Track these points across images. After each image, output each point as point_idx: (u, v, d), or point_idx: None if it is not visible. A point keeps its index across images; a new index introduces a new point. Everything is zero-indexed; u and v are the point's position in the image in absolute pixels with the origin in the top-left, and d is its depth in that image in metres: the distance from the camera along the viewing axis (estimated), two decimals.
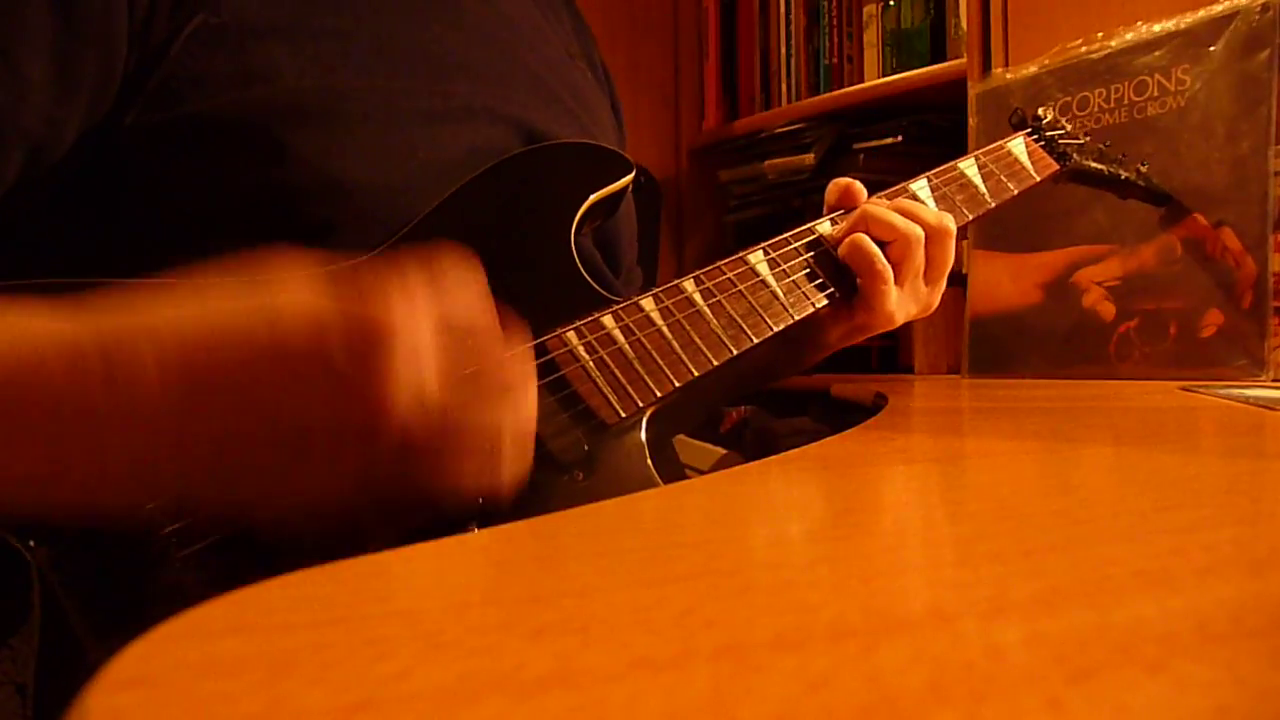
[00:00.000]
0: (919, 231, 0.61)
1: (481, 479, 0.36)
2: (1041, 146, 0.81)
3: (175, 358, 0.31)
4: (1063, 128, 0.86)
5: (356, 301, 0.31)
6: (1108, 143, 0.91)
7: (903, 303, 0.62)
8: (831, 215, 0.65)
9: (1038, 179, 0.78)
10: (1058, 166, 0.81)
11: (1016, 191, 0.75)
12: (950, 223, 0.64)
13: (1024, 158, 0.79)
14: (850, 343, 0.68)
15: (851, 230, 0.61)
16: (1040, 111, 0.86)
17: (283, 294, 0.32)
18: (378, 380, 0.31)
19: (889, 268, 0.60)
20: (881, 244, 0.60)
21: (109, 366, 0.31)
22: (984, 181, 0.73)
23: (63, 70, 0.44)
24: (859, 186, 0.66)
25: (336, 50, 0.52)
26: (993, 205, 0.72)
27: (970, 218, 0.70)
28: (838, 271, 0.61)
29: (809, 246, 0.61)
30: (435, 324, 0.33)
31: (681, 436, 0.95)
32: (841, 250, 0.61)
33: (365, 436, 0.32)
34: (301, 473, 0.33)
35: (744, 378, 0.78)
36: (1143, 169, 0.92)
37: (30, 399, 0.31)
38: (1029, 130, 0.82)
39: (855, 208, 0.64)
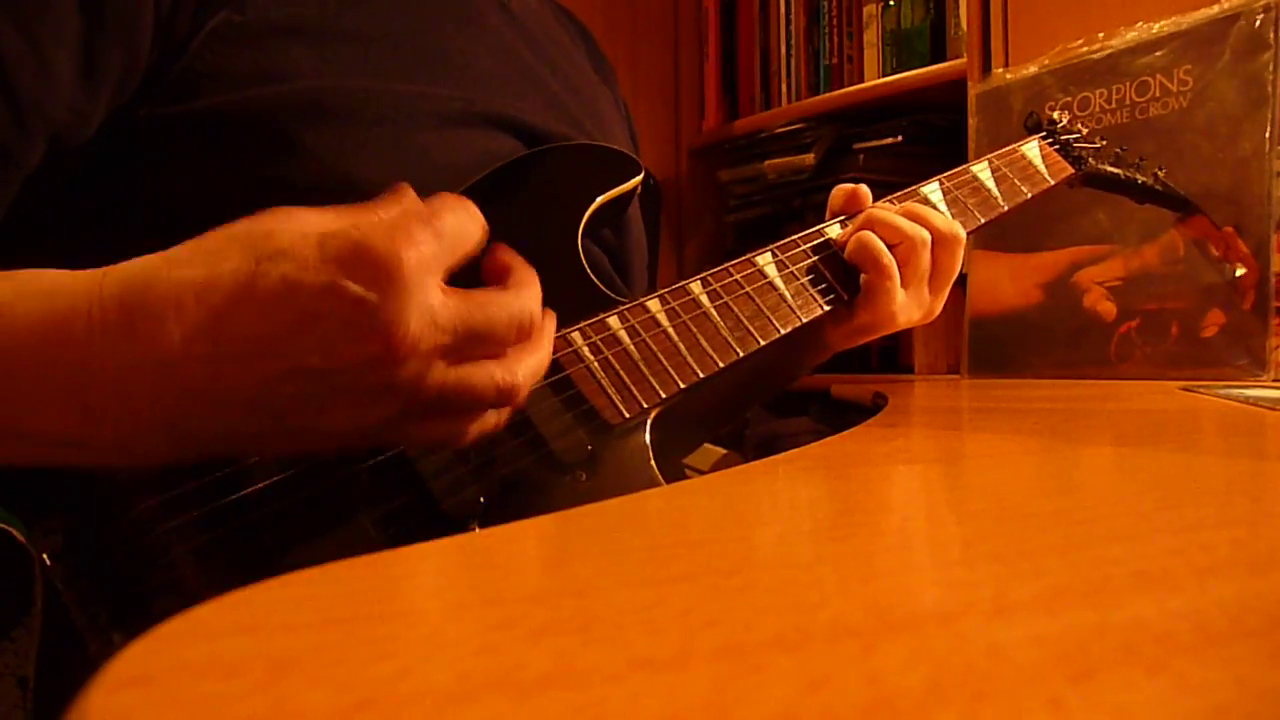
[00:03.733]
0: (925, 235, 0.61)
1: (495, 422, 0.39)
2: (1056, 150, 0.81)
3: (193, 308, 0.32)
4: (1078, 131, 0.85)
5: (366, 249, 0.32)
6: (1124, 146, 0.90)
7: (906, 306, 0.62)
8: (840, 219, 0.64)
9: (1052, 182, 0.77)
10: (1073, 170, 0.81)
11: (1030, 195, 0.74)
12: (959, 230, 0.63)
13: (1038, 161, 0.78)
14: (850, 345, 0.67)
15: (856, 231, 0.61)
16: (1056, 115, 0.86)
17: (291, 246, 0.33)
18: (390, 326, 0.32)
19: (894, 264, 0.60)
20: (888, 246, 0.60)
21: (130, 321, 0.32)
22: (997, 185, 0.72)
23: (89, 61, 0.45)
24: (864, 190, 0.66)
25: (356, 53, 0.52)
26: (1005, 209, 0.72)
27: (982, 221, 0.70)
28: (845, 274, 0.61)
29: (817, 249, 0.61)
30: (440, 266, 0.35)
31: None
32: (848, 248, 0.61)
33: (384, 378, 0.34)
34: (327, 414, 0.34)
35: (745, 388, 0.78)
36: (1160, 173, 0.91)
37: (56, 357, 0.32)
38: (1044, 134, 0.82)
39: (861, 211, 0.64)
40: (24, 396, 0.32)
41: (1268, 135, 0.87)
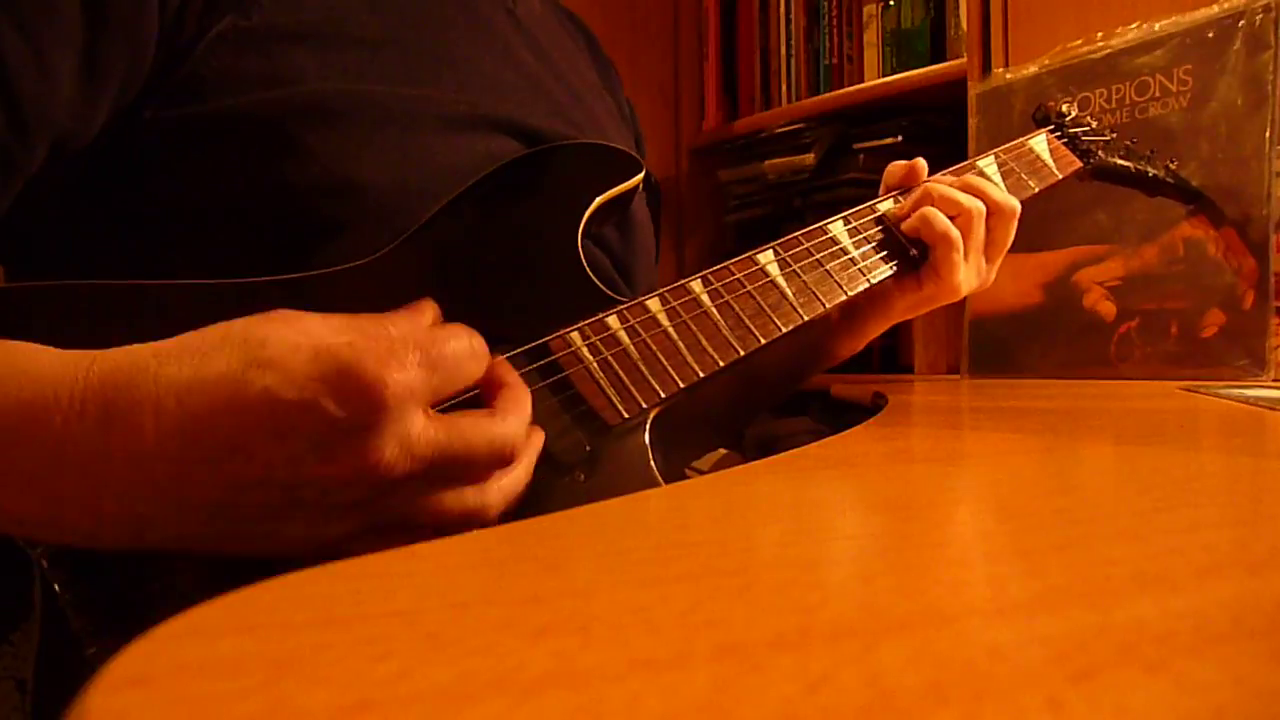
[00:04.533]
0: (981, 206, 0.65)
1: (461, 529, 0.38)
2: (1065, 143, 0.81)
3: (173, 412, 0.31)
4: (1087, 124, 0.85)
5: (353, 371, 0.32)
6: (1134, 139, 0.90)
7: (967, 276, 0.66)
8: (895, 194, 0.67)
9: (1060, 176, 0.78)
10: (1081, 164, 0.80)
11: (1038, 189, 0.75)
12: (1014, 202, 0.67)
13: (1046, 155, 0.78)
14: (915, 314, 0.71)
15: (917, 206, 0.64)
16: (1064, 108, 0.85)
17: (281, 357, 0.32)
18: (364, 451, 0.32)
19: (959, 236, 0.63)
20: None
21: (107, 417, 0.31)
22: (1004, 179, 0.73)
23: (91, 66, 0.45)
24: (922, 164, 0.69)
25: (361, 58, 0.52)
26: None
27: None
28: (881, 256, 0.63)
29: (820, 246, 0.61)
30: (428, 395, 0.35)
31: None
32: (910, 224, 0.64)
33: (352, 497, 0.34)
34: (289, 525, 0.34)
35: (752, 389, 0.78)
36: (1172, 165, 0.91)
37: (30, 443, 0.31)
38: (1052, 127, 0.82)
39: (916, 185, 0.67)
40: None
41: (1268, 135, 0.87)
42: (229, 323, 0.34)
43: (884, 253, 0.63)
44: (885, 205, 0.66)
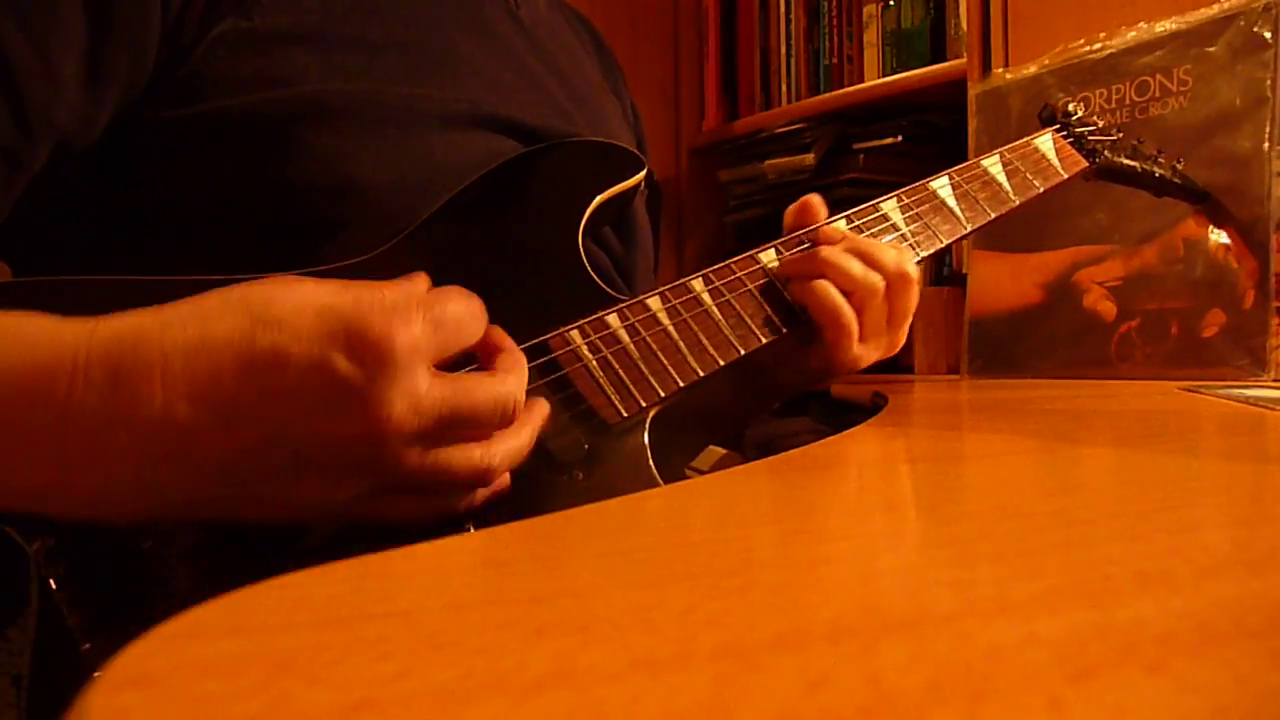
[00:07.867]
0: (879, 282, 0.57)
1: (468, 502, 0.39)
2: (1070, 143, 0.79)
3: (180, 374, 0.31)
4: (1093, 123, 0.84)
5: (359, 327, 0.32)
6: (1141, 139, 0.89)
7: (866, 350, 0.59)
8: (779, 241, 0.60)
9: (1066, 176, 0.76)
10: (1087, 163, 0.79)
11: (1043, 189, 0.73)
12: (911, 268, 0.59)
13: (1051, 154, 0.76)
14: (809, 388, 0.65)
15: (807, 275, 0.56)
16: (1070, 107, 0.84)
17: (287, 316, 0.33)
18: (374, 406, 0.33)
19: (854, 320, 0.56)
20: (842, 294, 0.56)
21: (114, 379, 0.31)
22: (1008, 179, 0.71)
23: (94, 68, 0.45)
24: (816, 203, 0.62)
25: (362, 59, 0.52)
26: (1017, 203, 0.70)
27: (993, 216, 0.68)
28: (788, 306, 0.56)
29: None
30: (432, 353, 0.35)
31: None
32: (802, 295, 0.56)
33: (361, 456, 0.34)
34: (299, 486, 0.34)
35: (751, 390, 0.76)
36: (1179, 166, 0.90)
37: (36, 409, 0.31)
38: (1058, 126, 0.80)
39: (813, 225, 0.60)
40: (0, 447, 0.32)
41: (1267, 135, 0.87)
42: (226, 289, 0.34)
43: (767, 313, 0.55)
44: (768, 255, 0.58)
